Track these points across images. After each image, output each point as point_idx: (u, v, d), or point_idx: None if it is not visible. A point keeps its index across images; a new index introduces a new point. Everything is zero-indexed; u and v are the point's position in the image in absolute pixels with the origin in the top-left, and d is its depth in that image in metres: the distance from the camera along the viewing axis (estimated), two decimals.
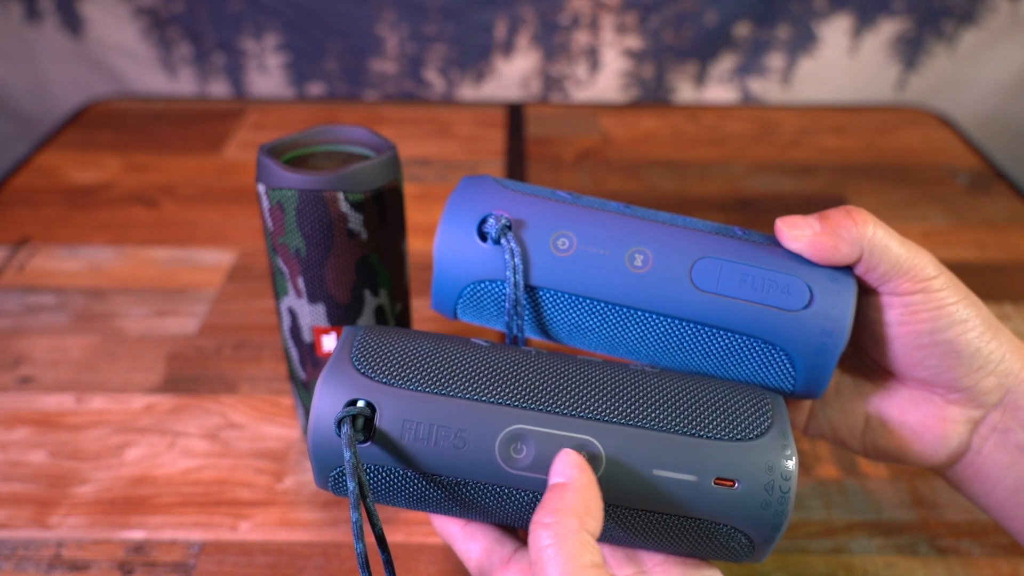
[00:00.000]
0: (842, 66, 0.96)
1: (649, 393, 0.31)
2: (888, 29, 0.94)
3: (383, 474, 0.31)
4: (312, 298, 0.42)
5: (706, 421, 0.31)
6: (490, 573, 0.32)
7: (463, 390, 0.31)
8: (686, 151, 0.84)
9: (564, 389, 0.31)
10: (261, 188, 0.40)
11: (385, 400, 0.30)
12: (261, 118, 0.89)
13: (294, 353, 0.45)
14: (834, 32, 0.94)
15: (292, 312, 0.43)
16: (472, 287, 0.34)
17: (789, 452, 0.30)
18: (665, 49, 0.95)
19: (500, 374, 0.31)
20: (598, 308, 0.34)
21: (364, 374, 0.31)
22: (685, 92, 0.98)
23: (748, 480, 0.30)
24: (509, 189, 0.35)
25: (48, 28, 0.94)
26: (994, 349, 0.33)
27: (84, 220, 0.71)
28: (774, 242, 0.34)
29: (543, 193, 0.35)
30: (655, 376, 0.32)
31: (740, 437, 0.30)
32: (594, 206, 0.34)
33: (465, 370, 0.31)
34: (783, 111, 0.93)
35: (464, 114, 0.91)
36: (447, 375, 0.31)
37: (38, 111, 1.00)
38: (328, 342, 0.43)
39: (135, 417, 0.52)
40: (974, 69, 0.97)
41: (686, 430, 0.30)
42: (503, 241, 0.33)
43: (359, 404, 0.30)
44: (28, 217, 0.72)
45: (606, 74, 0.97)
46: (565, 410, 0.30)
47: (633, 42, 0.95)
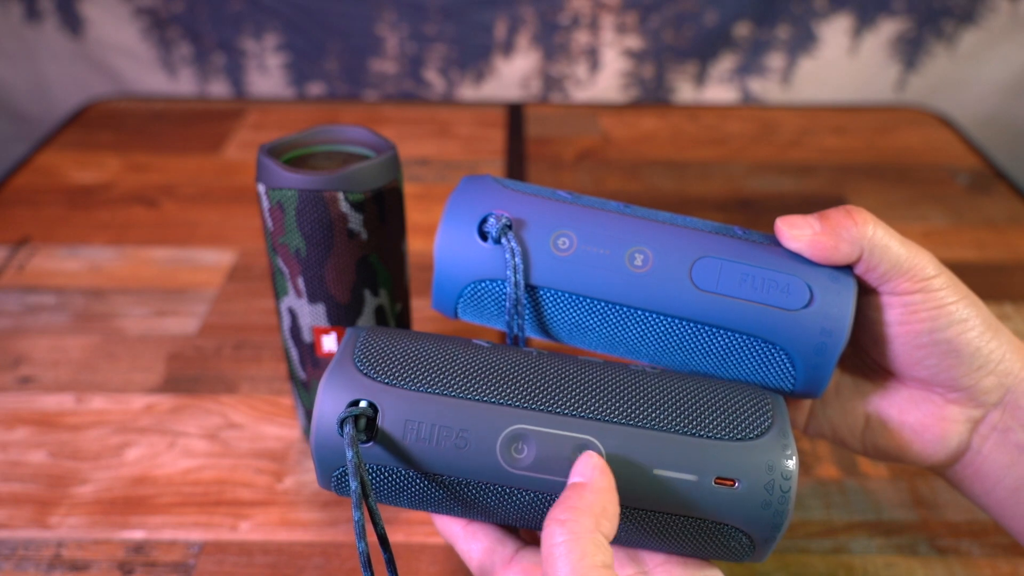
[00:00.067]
0: (842, 66, 0.96)
1: (650, 393, 0.31)
2: (888, 29, 0.94)
3: (385, 474, 0.31)
4: (312, 298, 0.42)
5: (706, 421, 0.31)
6: (492, 573, 0.32)
7: (465, 390, 0.31)
8: (686, 151, 0.84)
9: (565, 389, 0.31)
10: (261, 188, 0.40)
11: (387, 400, 0.31)
12: (261, 118, 0.89)
13: (294, 353, 0.45)
14: (834, 32, 0.94)
15: (292, 312, 0.43)
16: (473, 286, 0.34)
17: (789, 452, 0.30)
18: (665, 49, 0.95)
19: (501, 374, 0.31)
20: (598, 307, 0.34)
21: (366, 375, 0.31)
22: (685, 92, 0.98)
23: (748, 480, 0.30)
24: (509, 189, 0.35)
25: (48, 28, 0.94)
26: (994, 348, 0.33)
27: (84, 220, 0.72)
28: (774, 242, 0.34)
29: (543, 193, 0.35)
30: (656, 376, 0.32)
31: (740, 437, 0.30)
32: (594, 206, 0.35)
33: (467, 371, 0.31)
34: (783, 111, 0.93)
35: (464, 114, 0.91)
36: (449, 376, 0.31)
37: (38, 111, 1.00)
38: (328, 342, 0.43)
39: (135, 417, 0.52)
40: (974, 69, 0.97)
41: (686, 430, 0.30)
42: (504, 241, 0.33)
43: (361, 404, 0.30)
44: (28, 217, 0.72)
45: (606, 74, 0.97)
46: (566, 410, 0.30)
47: (633, 42, 0.95)
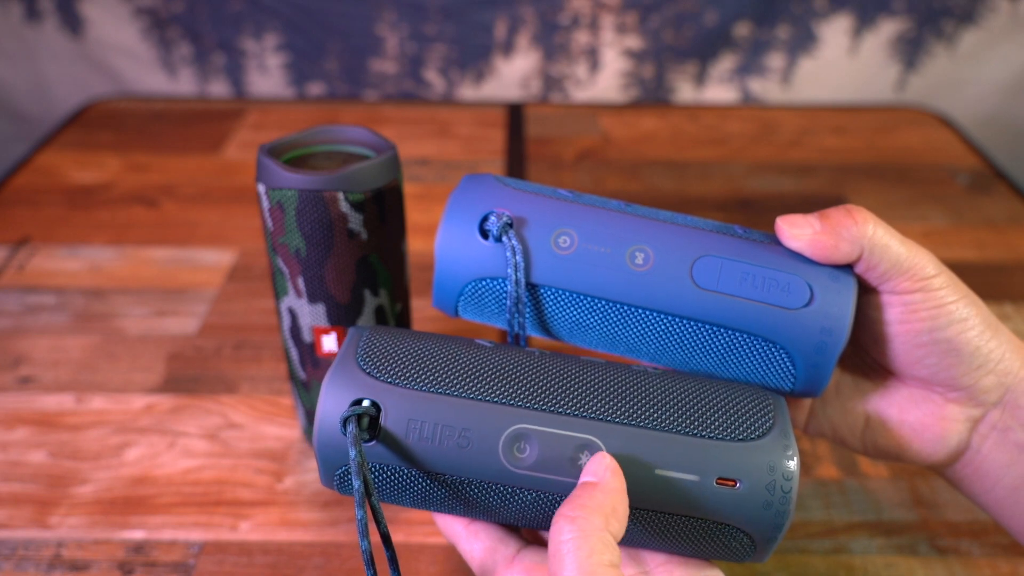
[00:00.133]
0: (842, 66, 0.96)
1: (652, 393, 0.31)
2: (888, 29, 0.94)
3: (388, 473, 0.31)
4: (312, 298, 0.42)
5: (708, 421, 0.31)
6: (493, 572, 0.32)
7: (467, 390, 0.31)
8: (686, 151, 0.84)
9: (567, 389, 0.31)
10: (261, 188, 0.40)
11: (390, 400, 0.31)
12: (261, 118, 0.89)
13: (294, 353, 0.45)
14: (834, 32, 0.94)
15: (292, 312, 0.43)
16: (473, 285, 0.34)
17: (791, 452, 0.30)
18: (665, 49, 0.95)
19: (504, 374, 0.31)
20: (599, 306, 0.34)
21: (369, 374, 0.31)
22: (685, 92, 0.98)
23: (750, 480, 0.30)
24: (510, 187, 0.35)
25: (48, 28, 0.94)
26: (994, 348, 0.33)
27: (84, 220, 0.72)
28: (775, 240, 0.34)
29: (544, 191, 0.35)
30: (658, 377, 0.32)
31: (742, 437, 0.30)
32: (595, 204, 0.35)
33: (469, 370, 0.31)
34: (783, 111, 0.93)
35: (464, 114, 0.91)
36: (451, 375, 0.31)
37: (38, 111, 1.00)
38: (328, 342, 0.43)
39: (135, 417, 0.52)
40: (974, 69, 0.97)
41: (688, 430, 0.30)
42: (504, 239, 0.33)
43: (364, 404, 0.31)
44: (28, 217, 0.72)
45: (606, 74, 0.97)
46: (568, 410, 0.30)
47: (633, 42, 0.95)
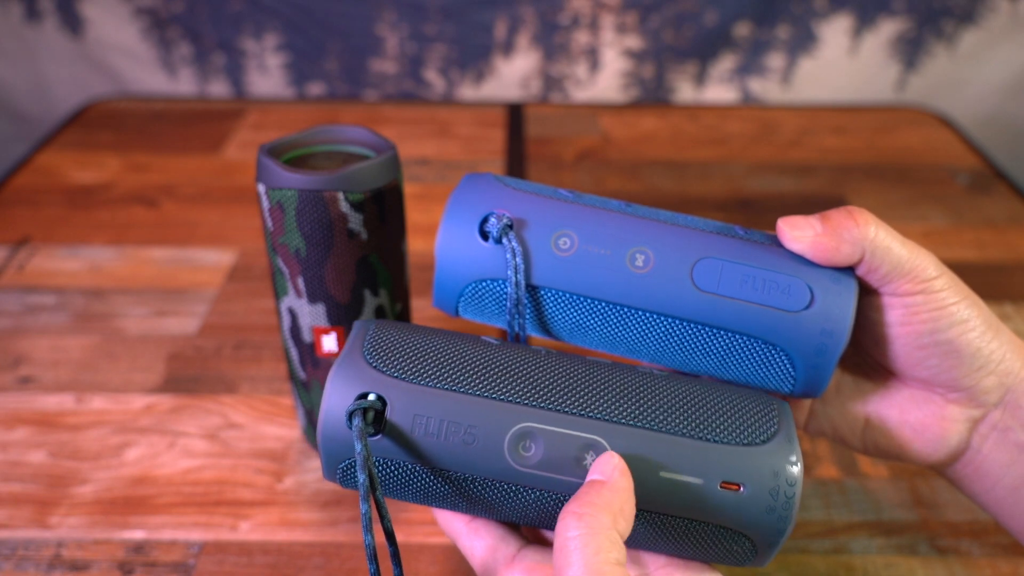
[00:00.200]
0: (842, 66, 0.96)
1: (658, 395, 0.31)
2: (888, 29, 0.94)
3: (392, 467, 0.31)
4: (312, 298, 0.42)
5: (713, 425, 0.31)
6: (494, 571, 0.32)
7: (474, 387, 0.31)
8: (686, 151, 0.84)
9: (574, 389, 0.31)
10: (261, 188, 0.40)
11: (396, 394, 0.31)
12: (261, 118, 0.89)
13: (294, 353, 0.45)
14: (834, 32, 0.94)
15: (292, 312, 0.43)
16: (474, 286, 0.34)
17: (795, 458, 0.30)
18: (665, 49, 0.95)
19: (511, 372, 0.31)
20: (599, 307, 0.34)
21: (376, 368, 0.31)
22: (685, 92, 0.98)
23: (754, 484, 0.30)
24: (510, 187, 0.35)
25: (48, 28, 0.94)
26: (995, 349, 0.33)
27: (84, 220, 0.72)
28: (775, 242, 0.34)
29: (545, 191, 0.35)
30: (664, 379, 0.32)
31: (747, 442, 0.30)
32: (596, 205, 0.35)
33: (476, 367, 0.31)
34: (783, 111, 0.93)
35: (464, 114, 0.91)
36: (458, 371, 0.31)
37: (38, 111, 1.00)
38: (328, 342, 0.43)
39: (135, 417, 0.52)
40: (974, 69, 0.97)
41: (694, 433, 0.30)
42: (504, 241, 0.33)
43: (370, 397, 0.30)
44: (28, 217, 0.72)
45: (606, 74, 0.97)
46: (574, 410, 0.30)
47: (633, 42, 0.95)
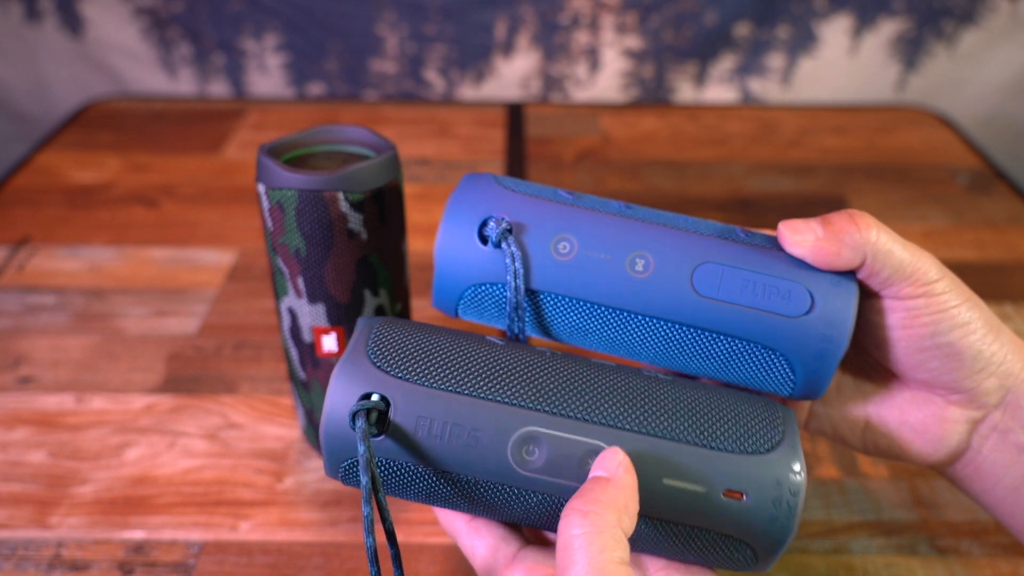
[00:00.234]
0: (842, 66, 0.96)
1: (663, 401, 0.31)
2: (888, 29, 0.94)
3: (394, 467, 0.31)
4: (312, 298, 0.42)
5: (718, 432, 0.30)
6: (495, 570, 0.32)
7: (478, 389, 0.31)
8: (686, 151, 0.84)
9: (579, 393, 0.31)
10: (261, 188, 0.40)
11: (400, 395, 0.30)
12: (261, 118, 0.89)
13: (294, 353, 0.45)
14: (834, 32, 0.94)
15: (292, 312, 0.43)
16: (473, 289, 0.34)
17: (798, 467, 0.30)
18: (665, 49, 0.95)
19: (515, 375, 0.31)
20: (598, 312, 0.34)
21: (379, 367, 0.31)
22: (685, 92, 0.98)
23: (757, 494, 0.30)
24: (509, 189, 0.35)
25: (48, 28, 0.94)
26: (996, 351, 0.33)
27: (84, 220, 0.71)
28: (776, 245, 0.33)
29: (544, 193, 0.35)
30: (669, 384, 0.32)
31: (751, 450, 0.30)
32: (595, 207, 0.34)
33: (481, 369, 0.31)
34: (783, 111, 0.93)
35: (464, 114, 0.91)
36: (463, 373, 0.31)
37: (38, 111, 1.00)
38: (328, 342, 0.43)
39: (135, 417, 0.52)
40: (974, 69, 0.97)
41: (698, 441, 0.30)
42: (504, 245, 0.33)
43: (374, 398, 0.30)
44: (28, 217, 0.72)
45: (606, 74, 0.97)
46: (579, 414, 0.30)
47: (633, 42, 0.95)
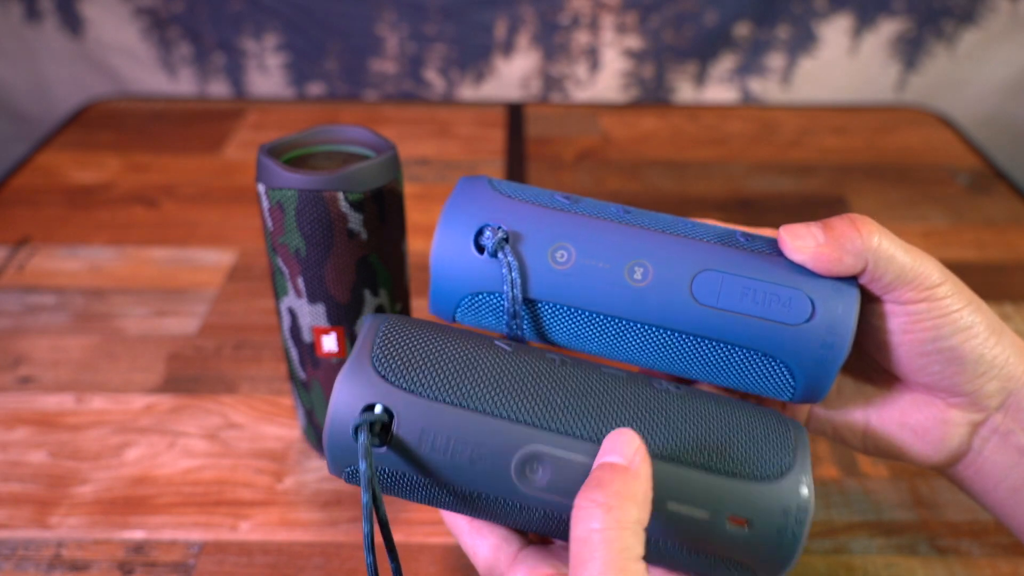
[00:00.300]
0: (842, 66, 0.96)
1: (673, 421, 0.30)
2: (888, 29, 0.94)
3: (396, 476, 0.31)
4: (312, 298, 0.42)
5: (727, 456, 0.30)
6: (497, 570, 0.32)
7: (483, 403, 0.30)
8: (686, 151, 0.84)
9: (586, 409, 0.30)
10: (261, 188, 0.40)
11: (403, 408, 0.30)
12: (261, 118, 0.89)
13: (294, 353, 0.45)
14: (834, 32, 0.94)
15: (292, 312, 0.43)
16: (470, 298, 0.34)
17: (806, 493, 0.29)
18: (665, 49, 0.95)
19: (521, 388, 0.31)
20: (597, 320, 0.33)
21: (384, 376, 0.30)
22: (685, 92, 0.98)
23: (762, 522, 0.29)
24: (505, 195, 0.34)
25: (48, 28, 0.94)
26: (998, 354, 0.33)
27: (84, 220, 0.71)
28: (777, 249, 0.33)
29: (541, 199, 0.34)
30: (679, 399, 0.31)
31: (760, 476, 0.30)
32: (593, 213, 0.34)
33: (486, 380, 0.31)
34: (783, 111, 0.93)
35: (464, 114, 0.91)
36: (468, 385, 0.30)
37: (38, 111, 1.00)
38: (328, 342, 0.43)
39: (135, 417, 0.52)
40: (974, 69, 0.97)
41: (705, 465, 0.30)
42: (500, 255, 0.33)
43: (377, 410, 0.30)
44: (28, 217, 0.72)
45: (606, 74, 0.97)
46: (585, 433, 0.30)
47: (633, 42, 0.95)
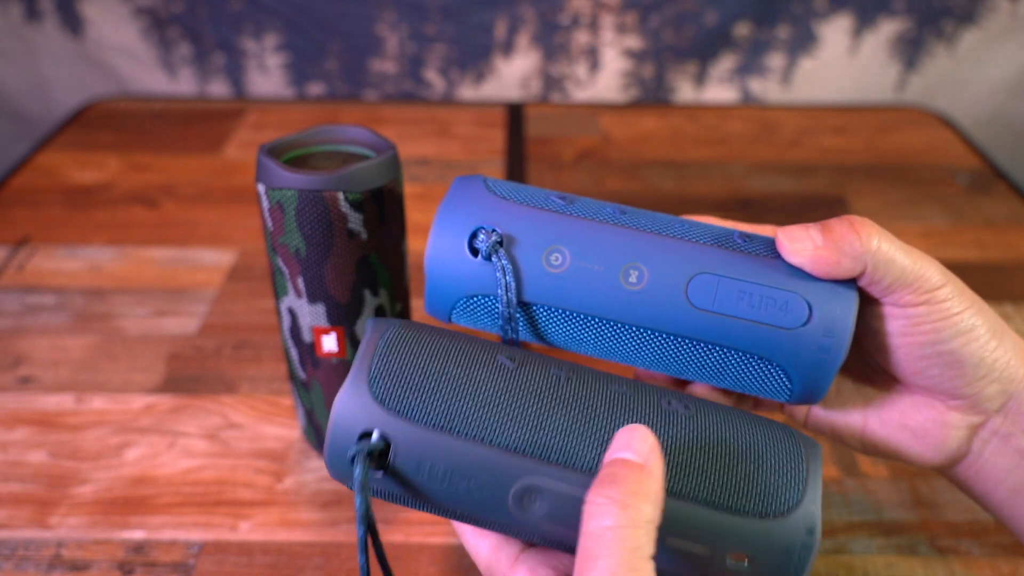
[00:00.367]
0: (842, 66, 0.96)
1: (677, 452, 0.30)
2: (888, 29, 0.94)
3: (395, 496, 0.31)
4: (312, 298, 0.42)
5: (732, 492, 0.29)
6: (498, 570, 0.32)
7: (481, 431, 0.30)
8: (686, 151, 0.84)
9: (587, 439, 0.30)
10: (261, 188, 0.40)
11: (400, 437, 0.30)
12: (261, 118, 0.89)
13: (294, 353, 0.45)
14: (834, 32, 0.94)
15: (292, 312, 0.43)
16: (465, 300, 0.34)
17: (812, 533, 0.29)
18: (665, 49, 0.95)
19: (522, 415, 0.30)
20: (592, 323, 0.33)
21: (381, 401, 0.30)
22: (685, 92, 0.98)
23: (763, 558, 0.29)
24: (500, 196, 0.34)
25: (48, 28, 0.94)
26: (999, 357, 0.32)
27: (84, 220, 0.71)
28: (775, 251, 0.33)
29: (536, 200, 0.34)
30: (687, 422, 0.31)
31: (765, 513, 0.29)
32: (588, 215, 0.33)
33: (486, 407, 0.30)
34: (783, 111, 0.93)
35: (464, 114, 0.91)
36: (467, 412, 0.30)
37: (38, 111, 1.00)
38: (328, 342, 0.43)
39: (135, 417, 0.52)
40: (974, 69, 0.97)
41: (709, 501, 0.29)
42: (494, 259, 0.33)
43: (374, 437, 0.30)
44: (28, 217, 0.72)
45: (606, 74, 0.97)
46: (584, 465, 0.29)
47: (633, 42, 0.95)
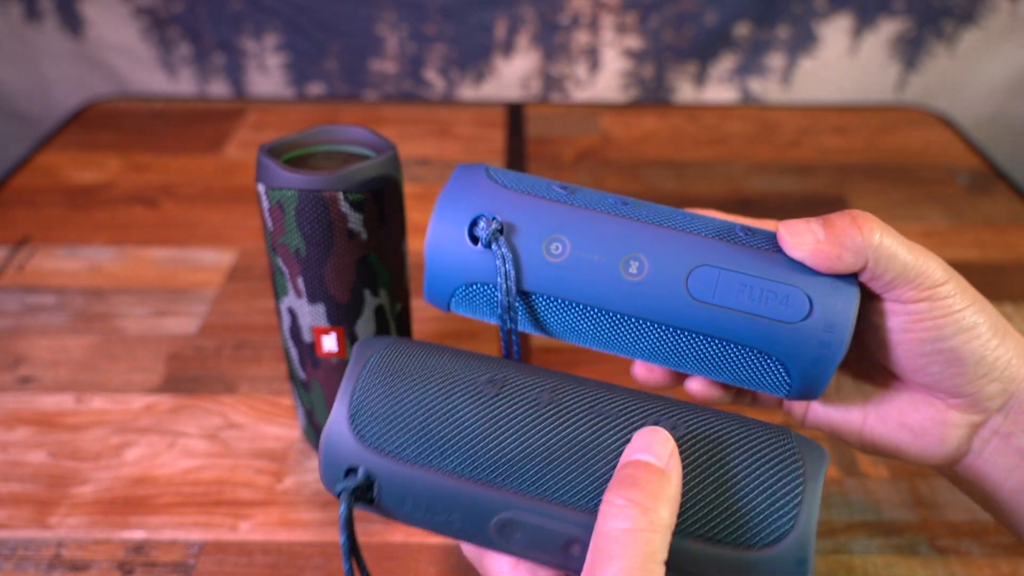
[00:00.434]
0: (842, 66, 0.96)
1: None
2: (888, 29, 0.94)
3: (387, 518, 0.32)
4: (312, 298, 0.42)
5: (719, 521, 0.29)
6: (499, 569, 0.32)
7: (462, 466, 0.30)
8: (686, 151, 0.84)
9: (568, 469, 0.30)
10: (261, 188, 0.40)
11: (383, 474, 0.31)
12: (261, 118, 0.89)
13: (294, 353, 0.45)
14: (834, 32, 0.94)
15: (292, 312, 0.43)
16: (464, 288, 0.34)
17: (803, 564, 0.28)
18: (665, 49, 0.95)
19: (502, 448, 0.30)
20: (591, 313, 0.33)
21: (361, 438, 0.31)
22: (685, 92, 0.98)
23: None
24: (501, 185, 0.34)
25: (48, 28, 0.94)
26: (1000, 355, 0.32)
27: (84, 220, 0.71)
28: (777, 245, 0.33)
29: (538, 189, 0.34)
30: (678, 446, 0.30)
31: (753, 543, 0.28)
32: (589, 205, 0.34)
33: (465, 440, 0.30)
34: (783, 111, 0.93)
35: (464, 114, 0.91)
36: (445, 446, 0.30)
37: (38, 111, 1.00)
38: (328, 342, 0.43)
39: (135, 417, 0.52)
40: (974, 69, 0.97)
41: (694, 531, 0.29)
42: (494, 247, 0.33)
43: (360, 472, 0.31)
44: (28, 217, 0.72)
45: (606, 74, 0.97)
46: (565, 497, 0.30)
47: (633, 42, 0.95)
